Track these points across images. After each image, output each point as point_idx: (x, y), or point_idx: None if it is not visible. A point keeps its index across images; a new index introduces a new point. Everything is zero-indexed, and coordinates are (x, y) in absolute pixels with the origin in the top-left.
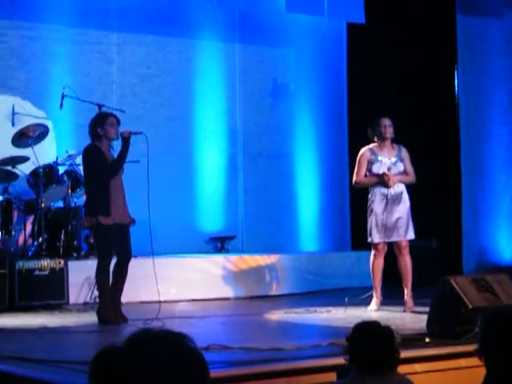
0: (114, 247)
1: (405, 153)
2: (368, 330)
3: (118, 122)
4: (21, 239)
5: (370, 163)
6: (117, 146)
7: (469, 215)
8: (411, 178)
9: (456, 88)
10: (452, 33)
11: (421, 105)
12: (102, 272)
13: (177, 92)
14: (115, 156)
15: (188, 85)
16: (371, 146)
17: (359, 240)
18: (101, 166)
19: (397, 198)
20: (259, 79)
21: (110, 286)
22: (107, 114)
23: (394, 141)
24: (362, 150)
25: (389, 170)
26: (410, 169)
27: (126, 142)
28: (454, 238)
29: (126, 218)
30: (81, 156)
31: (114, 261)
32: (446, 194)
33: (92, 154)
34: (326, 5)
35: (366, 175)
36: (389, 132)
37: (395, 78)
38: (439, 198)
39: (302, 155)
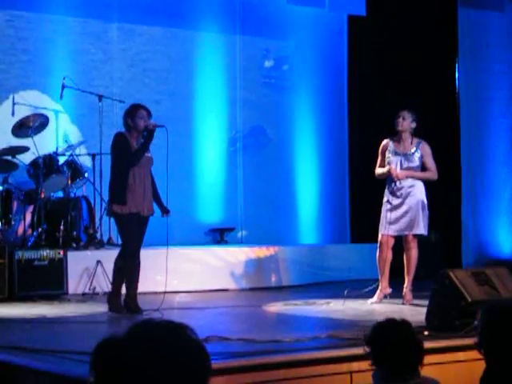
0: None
1: (425, 149)
2: (386, 327)
3: (149, 114)
4: (20, 229)
5: (388, 155)
6: None
7: (468, 208)
8: (429, 174)
9: (457, 81)
10: (453, 26)
11: (421, 98)
12: (120, 259)
13: (177, 84)
14: None
15: (189, 76)
16: (393, 137)
17: (358, 232)
18: (123, 155)
19: (404, 193)
20: (260, 71)
21: (123, 275)
22: (139, 106)
23: (417, 135)
24: (383, 142)
25: (390, 163)
26: (430, 165)
27: (150, 134)
28: (454, 231)
29: (146, 210)
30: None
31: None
32: (446, 187)
33: (116, 143)
34: None
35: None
36: (400, 125)
37: (395, 70)
38: (439, 191)
39: (301, 147)
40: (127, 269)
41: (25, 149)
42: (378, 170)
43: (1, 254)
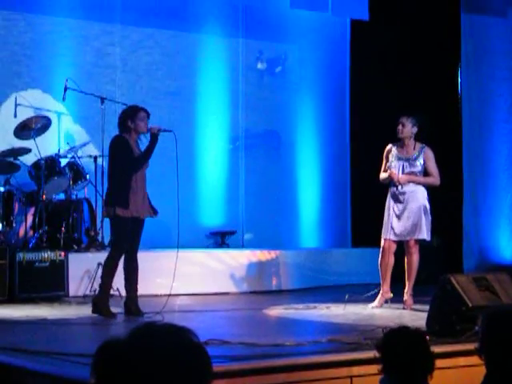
0: (128, 240)
1: (428, 154)
2: (398, 334)
3: (148, 116)
4: (22, 231)
5: (390, 159)
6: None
7: (470, 213)
8: (431, 179)
9: (459, 86)
10: (456, 31)
11: (423, 102)
12: (110, 263)
13: (180, 87)
14: (142, 149)
15: (191, 79)
16: (396, 142)
17: (360, 237)
18: (126, 158)
19: (406, 198)
20: (262, 74)
21: (112, 279)
22: (139, 107)
23: (420, 140)
24: (387, 147)
25: (403, 168)
26: (432, 170)
27: (154, 138)
28: (455, 236)
29: (144, 213)
30: (108, 146)
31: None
32: (448, 192)
33: (119, 146)
34: (330, 1)
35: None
36: (400, 132)
37: (398, 75)
38: (440, 196)
39: (303, 151)
40: (126, 271)
41: (27, 150)
42: (382, 175)
43: (2, 255)
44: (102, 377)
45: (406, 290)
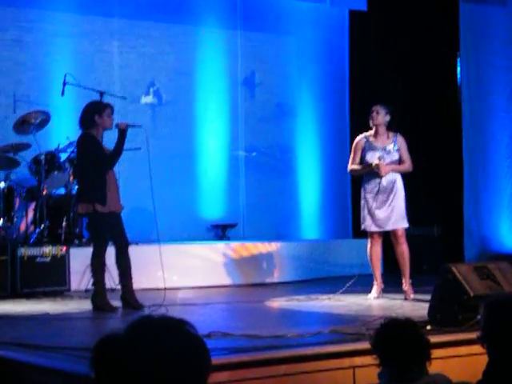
0: (109, 235)
1: (401, 141)
2: (390, 327)
3: (113, 111)
4: (22, 226)
5: (364, 151)
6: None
7: (470, 203)
8: (406, 166)
9: (458, 75)
10: (454, 20)
11: (423, 92)
12: (96, 259)
13: (178, 79)
14: (106, 145)
15: (190, 72)
16: (367, 133)
17: (360, 228)
18: (98, 155)
19: (389, 188)
20: (261, 67)
21: (104, 274)
22: (105, 103)
23: (392, 129)
24: (357, 138)
25: (380, 159)
26: (406, 157)
27: (122, 134)
28: (456, 225)
29: (119, 206)
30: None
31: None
32: (448, 182)
33: (89, 143)
34: None
35: (360, 163)
36: (375, 119)
37: (397, 65)
38: (441, 186)
39: (303, 143)
40: (119, 267)
41: (26, 145)
42: (353, 167)
43: (3, 250)
44: (101, 371)
45: (404, 281)
